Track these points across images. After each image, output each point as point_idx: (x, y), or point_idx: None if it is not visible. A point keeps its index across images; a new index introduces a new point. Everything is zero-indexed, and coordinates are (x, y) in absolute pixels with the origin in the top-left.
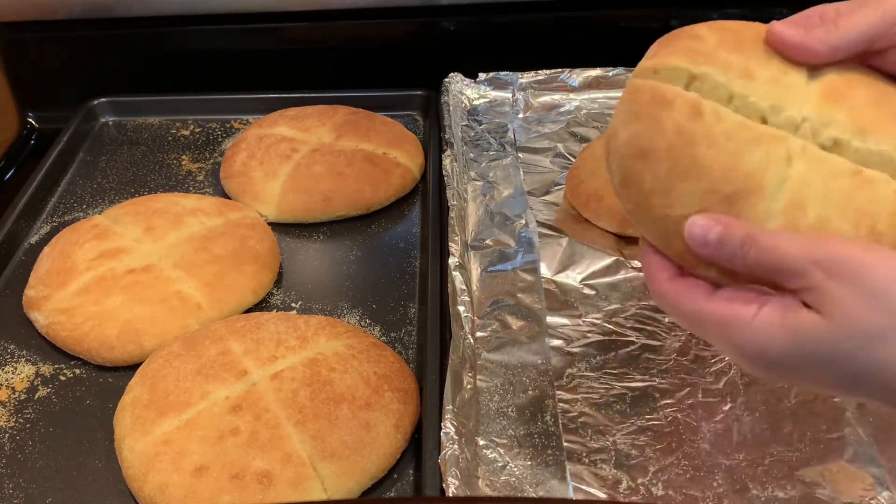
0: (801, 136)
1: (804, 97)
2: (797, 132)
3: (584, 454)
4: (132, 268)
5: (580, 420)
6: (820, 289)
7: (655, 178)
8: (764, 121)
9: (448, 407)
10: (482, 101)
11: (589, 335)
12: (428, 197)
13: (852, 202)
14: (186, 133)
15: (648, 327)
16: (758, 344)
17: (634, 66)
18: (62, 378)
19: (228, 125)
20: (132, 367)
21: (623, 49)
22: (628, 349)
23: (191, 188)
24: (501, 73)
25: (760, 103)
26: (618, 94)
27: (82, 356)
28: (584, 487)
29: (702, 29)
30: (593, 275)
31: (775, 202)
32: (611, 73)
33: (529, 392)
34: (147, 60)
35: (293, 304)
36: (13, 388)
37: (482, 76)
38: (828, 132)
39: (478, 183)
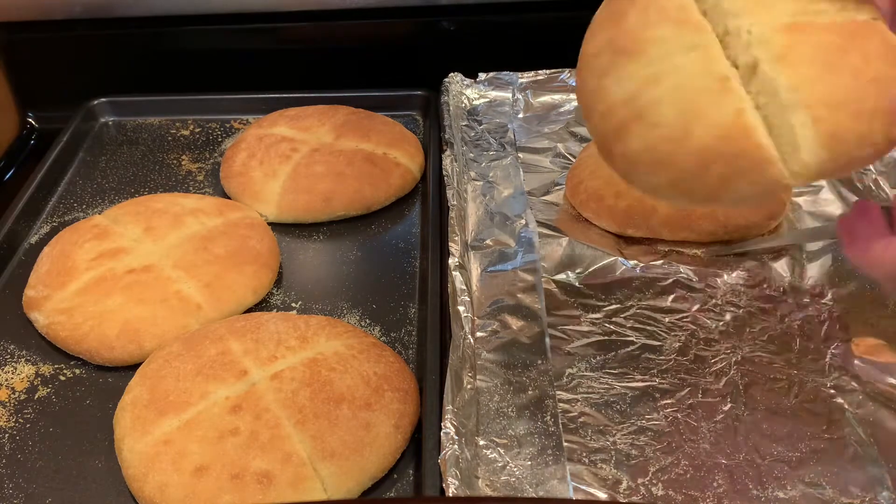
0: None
1: (772, 18)
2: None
3: (584, 454)
4: (132, 268)
5: (580, 420)
6: None
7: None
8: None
9: (448, 407)
10: (482, 101)
11: (589, 335)
12: (428, 197)
13: None
14: (186, 133)
15: (648, 327)
16: None
17: None
18: (62, 378)
19: (228, 125)
20: (132, 368)
21: None
22: (628, 349)
23: (191, 188)
24: (501, 73)
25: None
26: None
27: (82, 356)
28: (584, 487)
29: None
30: (593, 275)
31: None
32: None
33: (529, 392)
34: (147, 60)
35: (293, 304)
36: (13, 389)
37: (482, 76)
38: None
39: (478, 183)
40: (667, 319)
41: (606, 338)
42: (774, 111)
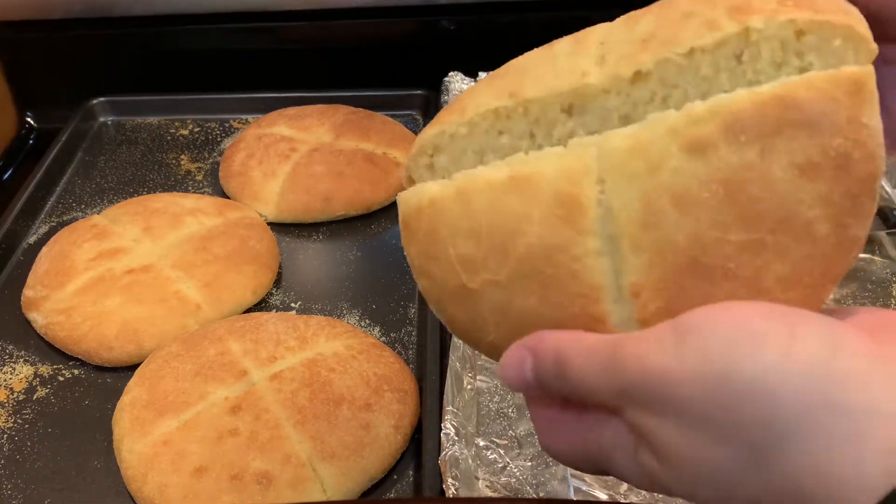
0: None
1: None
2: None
3: None
4: (131, 268)
5: None
6: (642, 429)
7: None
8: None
9: (448, 407)
10: None
11: None
12: None
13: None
14: (185, 133)
15: None
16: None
17: None
18: (61, 378)
19: (227, 125)
20: (131, 368)
21: None
22: None
23: (190, 188)
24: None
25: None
26: None
27: (81, 356)
28: (584, 488)
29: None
30: None
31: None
32: None
33: None
34: (146, 60)
35: (292, 305)
36: (12, 389)
37: (482, 75)
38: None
39: None
40: None
41: None
42: None
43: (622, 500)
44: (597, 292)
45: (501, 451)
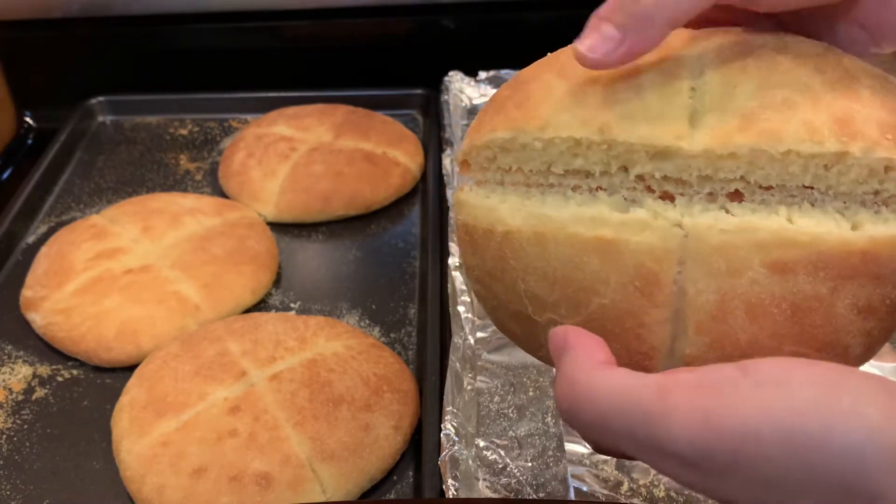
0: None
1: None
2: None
3: (586, 455)
4: (130, 268)
5: None
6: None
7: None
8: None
9: (448, 408)
10: (483, 99)
11: None
12: (428, 197)
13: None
14: (184, 132)
15: None
16: None
17: None
18: (59, 379)
19: (227, 124)
20: (130, 368)
21: None
22: None
23: (189, 188)
24: (502, 71)
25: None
26: None
27: (80, 357)
28: (585, 489)
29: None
30: None
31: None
32: None
33: (530, 393)
34: (145, 59)
35: (292, 305)
36: (10, 389)
37: (482, 74)
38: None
39: None
40: None
41: None
42: None
43: (623, 501)
44: (653, 352)
45: (502, 452)
